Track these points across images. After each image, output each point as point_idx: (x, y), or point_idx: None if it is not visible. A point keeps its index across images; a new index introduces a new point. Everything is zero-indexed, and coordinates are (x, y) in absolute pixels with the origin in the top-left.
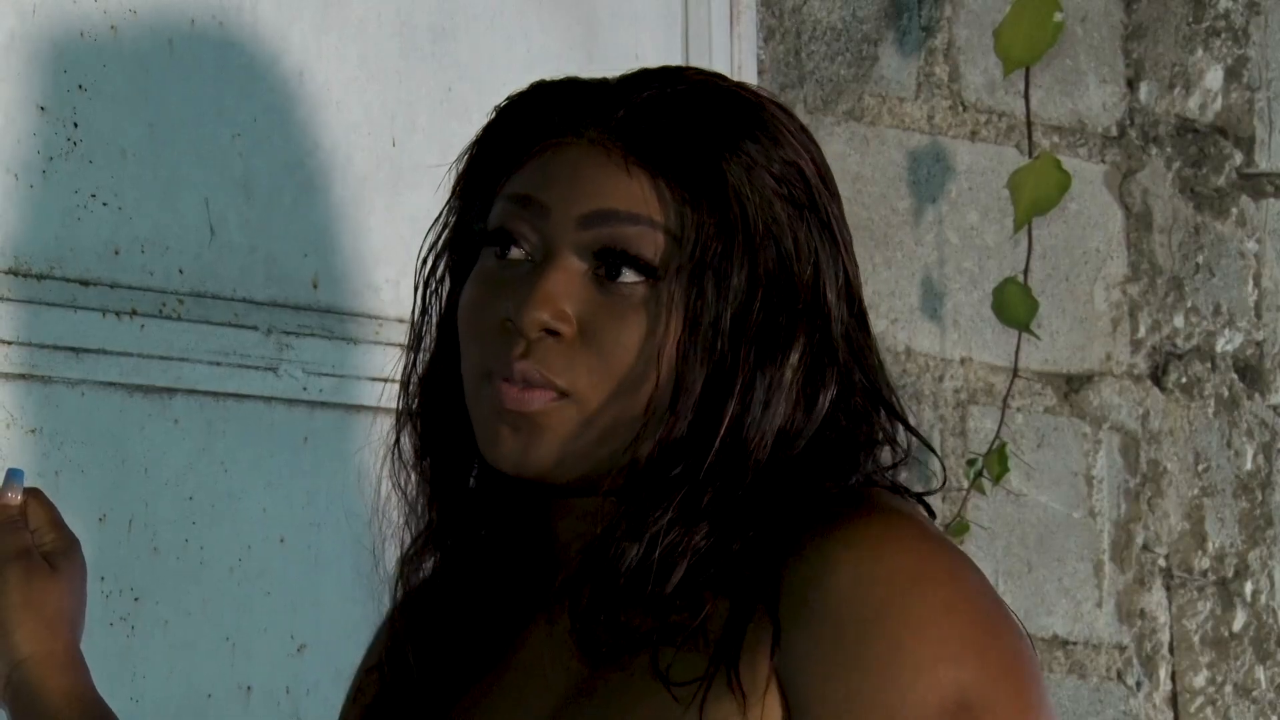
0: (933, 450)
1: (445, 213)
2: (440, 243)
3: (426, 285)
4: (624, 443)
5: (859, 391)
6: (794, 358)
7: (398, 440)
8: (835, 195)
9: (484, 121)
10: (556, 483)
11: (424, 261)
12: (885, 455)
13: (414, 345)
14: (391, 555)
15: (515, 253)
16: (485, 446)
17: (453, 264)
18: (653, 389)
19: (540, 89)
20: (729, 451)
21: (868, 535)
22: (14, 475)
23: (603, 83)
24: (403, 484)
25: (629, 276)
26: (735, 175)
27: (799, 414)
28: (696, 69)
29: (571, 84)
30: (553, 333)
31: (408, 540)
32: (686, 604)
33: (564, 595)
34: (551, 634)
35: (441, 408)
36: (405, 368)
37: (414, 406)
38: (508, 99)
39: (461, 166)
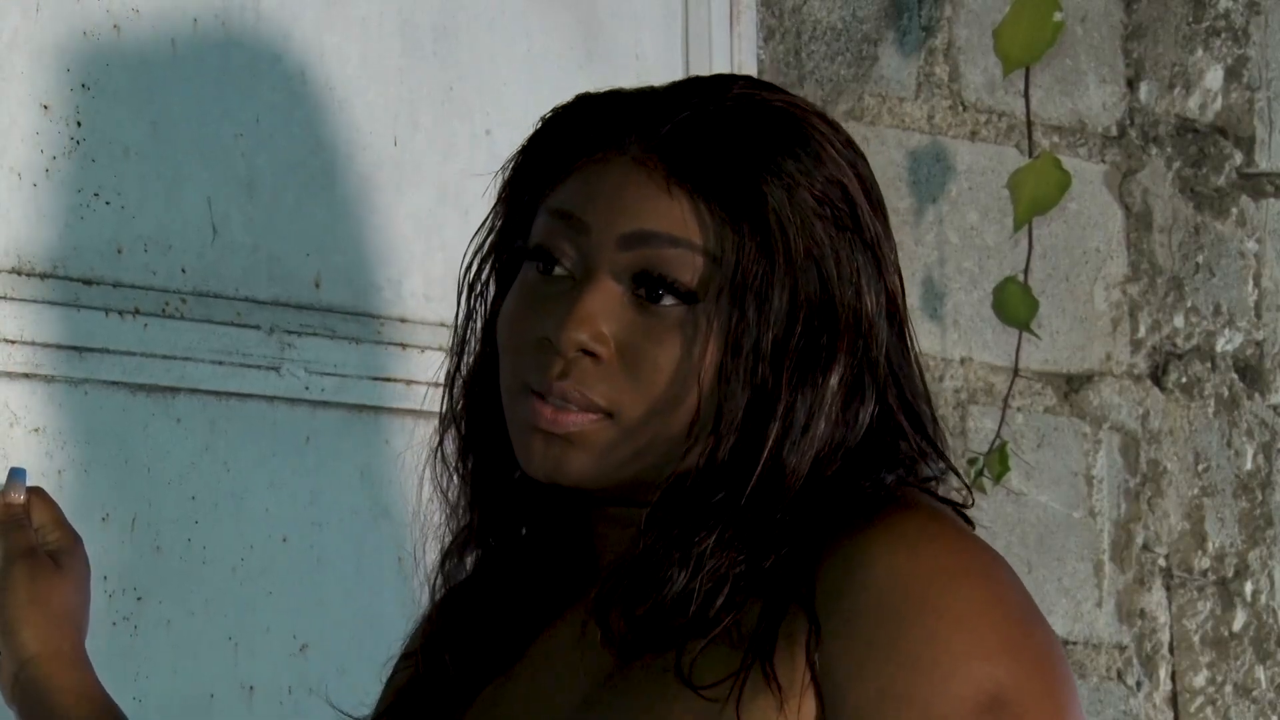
0: (958, 473)
1: (490, 218)
2: (485, 247)
3: (471, 289)
4: (661, 459)
5: (897, 410)
6: (834, 379)
7: (441, 442)
8: (880, 210)
9: (530, 130)
10: (592, 491)
11: (468, 266)
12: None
13: (458, 349)
14: (431, 552)
15: (557, 269)
16: (520, 455)
17: (497, 269)
18: (693, 410)
19: (585, 101)
20: (769, 474)
21: (904, 531)
22: (17, 474)
23: (647, 95)
24: (445, 486)
25: (667, 299)
26: (776, 197)
27: (838, 432)
28: (747, 78)
29: (616, 97)
30: (590, 353)
31: (448, 538)
32: (721, 606)
33: (597, 598)
34: (581, 632)
35: (484, 411)
36: (449, 371)
37: (457, 409)
38: (553, 110)
39: (506, 174)
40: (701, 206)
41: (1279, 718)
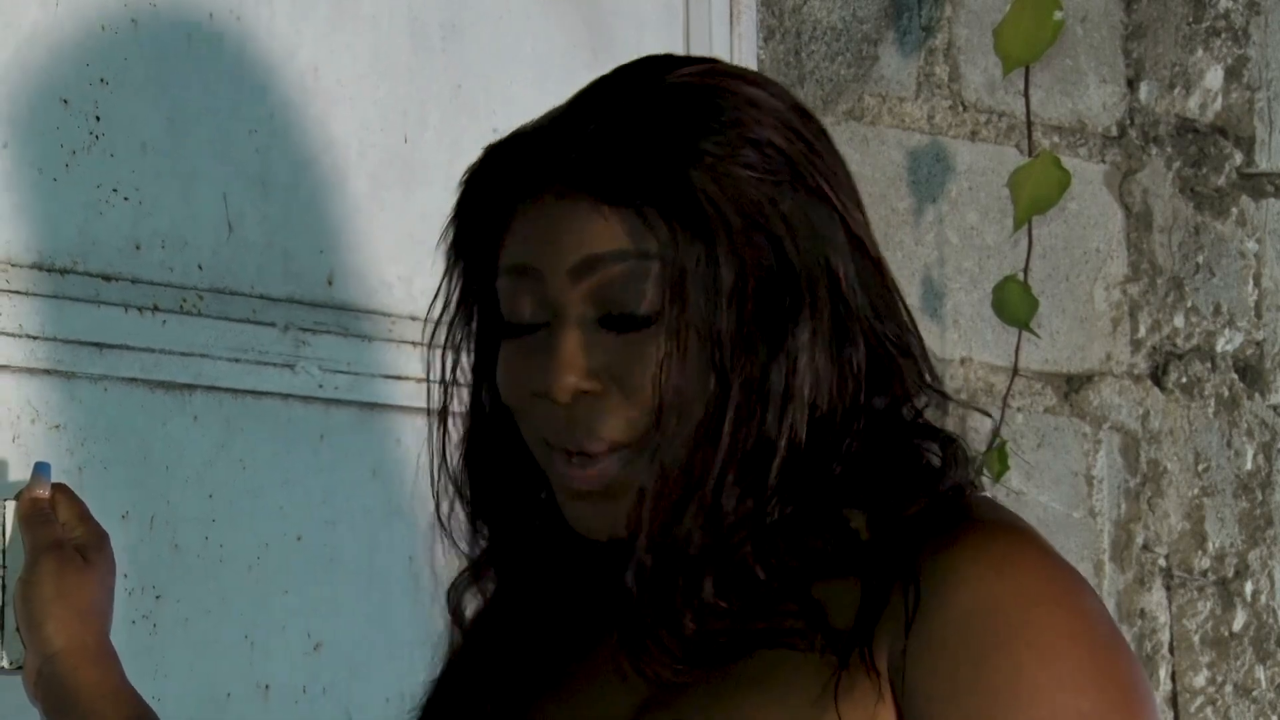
0: (948, 395)
1: (445, 285)
2: (451, 320)
3: (447, 359)
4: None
5: (885, 344)
6: (804, 337)
7: (438, 506)
8: (818, 141)
9: (454, 196)
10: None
11: (442, 343)
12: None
13: (443, 417)
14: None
15: (529, 319)
16: (570, 519)
17: (470, 328)
18: (700, 413)
19: (495, 152)
20: (757, 452)
21: (991, 553)
22: (41, 469)
23: (552, 124)
24: (457, 542)
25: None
26: (701, 181)
27: (836, 383)
28: (647, 63)
29: (521, 138)
30: (587, 392)
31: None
32: (798, 604)
33: (623, 634)
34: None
35: (486, 471)
36: (439, 440)
37: (459, 479)
38: (468, 172)
39: (448, 242)
40: (635, 215)
41: (1279, 718)
